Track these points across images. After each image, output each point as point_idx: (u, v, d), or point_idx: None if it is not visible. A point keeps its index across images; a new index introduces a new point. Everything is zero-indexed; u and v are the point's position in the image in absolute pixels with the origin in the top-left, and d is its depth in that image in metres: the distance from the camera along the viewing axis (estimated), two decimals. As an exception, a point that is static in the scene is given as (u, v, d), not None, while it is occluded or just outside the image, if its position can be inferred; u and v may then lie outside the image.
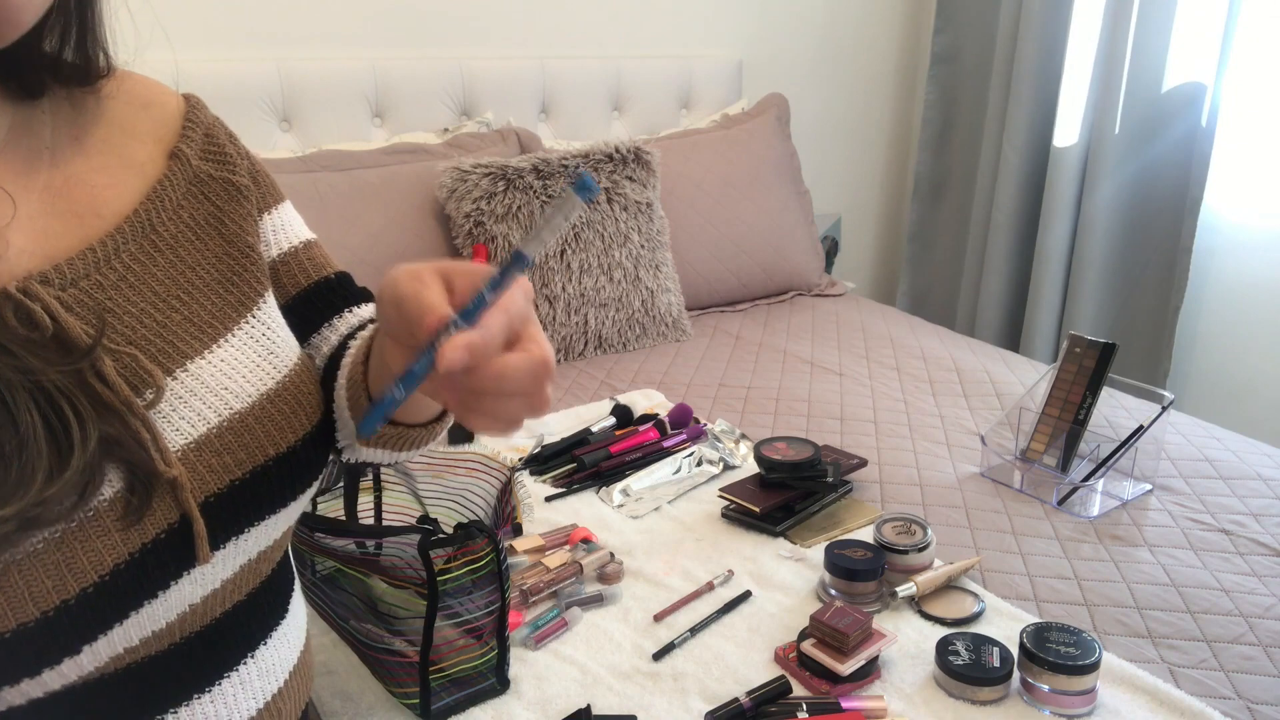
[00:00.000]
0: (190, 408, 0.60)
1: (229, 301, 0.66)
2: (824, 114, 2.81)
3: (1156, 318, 2.32)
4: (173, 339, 0.62)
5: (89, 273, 0.59)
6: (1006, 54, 2.54)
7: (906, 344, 2.04)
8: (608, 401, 1.66)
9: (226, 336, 0.64)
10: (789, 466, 1.28)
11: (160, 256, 0.63)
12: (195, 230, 0.66)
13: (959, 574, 1.14)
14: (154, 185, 0.64)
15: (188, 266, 0.65)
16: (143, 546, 0.55)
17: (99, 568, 0.53)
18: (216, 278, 0.66)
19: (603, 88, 2.37)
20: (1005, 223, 2.56)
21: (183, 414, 0.60)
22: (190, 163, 0.67)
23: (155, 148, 0.67)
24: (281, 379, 0.66)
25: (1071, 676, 0.92)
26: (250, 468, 0.62)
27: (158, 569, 0.56)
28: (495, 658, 0.94)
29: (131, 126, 0.66)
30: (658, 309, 2.01)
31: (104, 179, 0.63)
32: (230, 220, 0.68)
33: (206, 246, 0.66)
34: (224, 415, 0.61)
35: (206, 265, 0.66)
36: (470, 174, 1.88)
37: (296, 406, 0.66)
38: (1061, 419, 1.42)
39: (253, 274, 0.68)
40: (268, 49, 2.02)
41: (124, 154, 0.65)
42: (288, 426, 0.65)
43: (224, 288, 0.66)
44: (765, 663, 1.01)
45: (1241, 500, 1.38)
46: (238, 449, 0.61)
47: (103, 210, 0.61)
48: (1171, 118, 2.23)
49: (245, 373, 0.64)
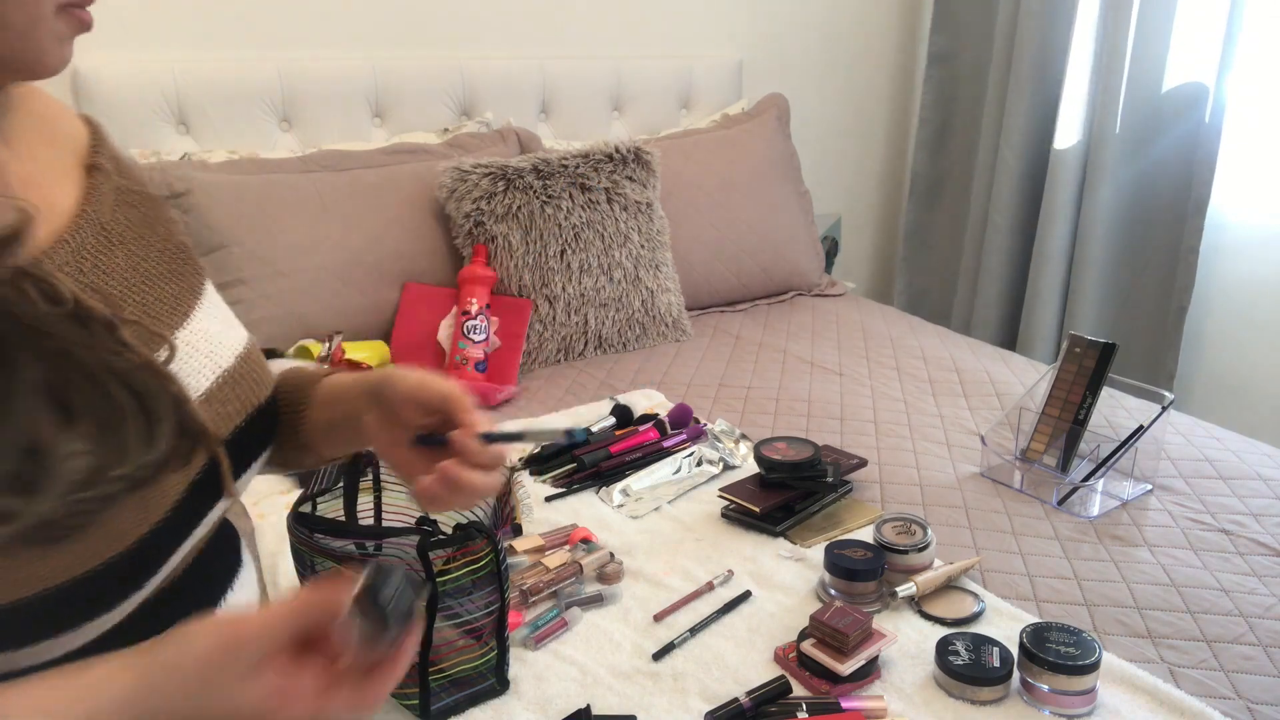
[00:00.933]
0: (190, 369, 0.69)
1: (183, 288, 0.74)
2: (824, 114, 2.81)
3: (1160, 318, 2.32)
4: (157, 314, 0.69)
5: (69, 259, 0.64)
6: (1004, 54, 2.54)
7: (906, 344, 2.04)
8: (608, 401, 1.66)
9: (193, 313, 0.73)
10: (789, 466, 1.28)
11: (118, 250, 0.69)
12: (134, 229, 0.72)
13: (959, 574, 1.14)
14: (86, 191, 0.69)
15: (141, 259, 0.71)
16: (190, 485, 0.65)
17: (165, 505, 0.63)
18: (165, 270, 0.73)
19: (603, 88, 2.37)
20: (1003, 223, 2.56)
21: (187, 375, 0.68)
22: (111, 176, 0.72)
23: (72, 159, 0.71)
24: (246, 342, 0.77)
25: (1071, 676, 0.92)
26: (244, 415, 0.73)
27: (201, 503, 0.67)
28: (495, 658, 0.93)
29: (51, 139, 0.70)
30: (658, 309, 2.01)
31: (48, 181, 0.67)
32: (159, 223, 0.75)
33: (149, 244, 0.73)
34: (217, 374, 0.72)
35: (154, 258, 0.73)
36: (470, 174, 1.88)
37: (260, 367, 0.78)
38: (1061, 419, 1.42)
39: (193, 265, 0.77)
40: (268, 49, 2.02)
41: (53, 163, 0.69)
42: (261, 380, 0.77)
43: (175, 276, 0.74)
44: (765, 663, 1.01)
45: (1241, 500, 1.38)
46: (233, 400, 0.72)
47: (54, 208, 0.66)
48: (1173, 118, 2.23)
49: (219, 339, 0.74)
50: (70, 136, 0.73)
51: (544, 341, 1.89)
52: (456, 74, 2.18)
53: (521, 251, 1.88)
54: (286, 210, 1.81)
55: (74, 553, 0.57)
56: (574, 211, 1.92)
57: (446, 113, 2.19)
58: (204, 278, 0.77)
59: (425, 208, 1.93)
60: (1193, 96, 2.19)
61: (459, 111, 2.21)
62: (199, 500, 0.66)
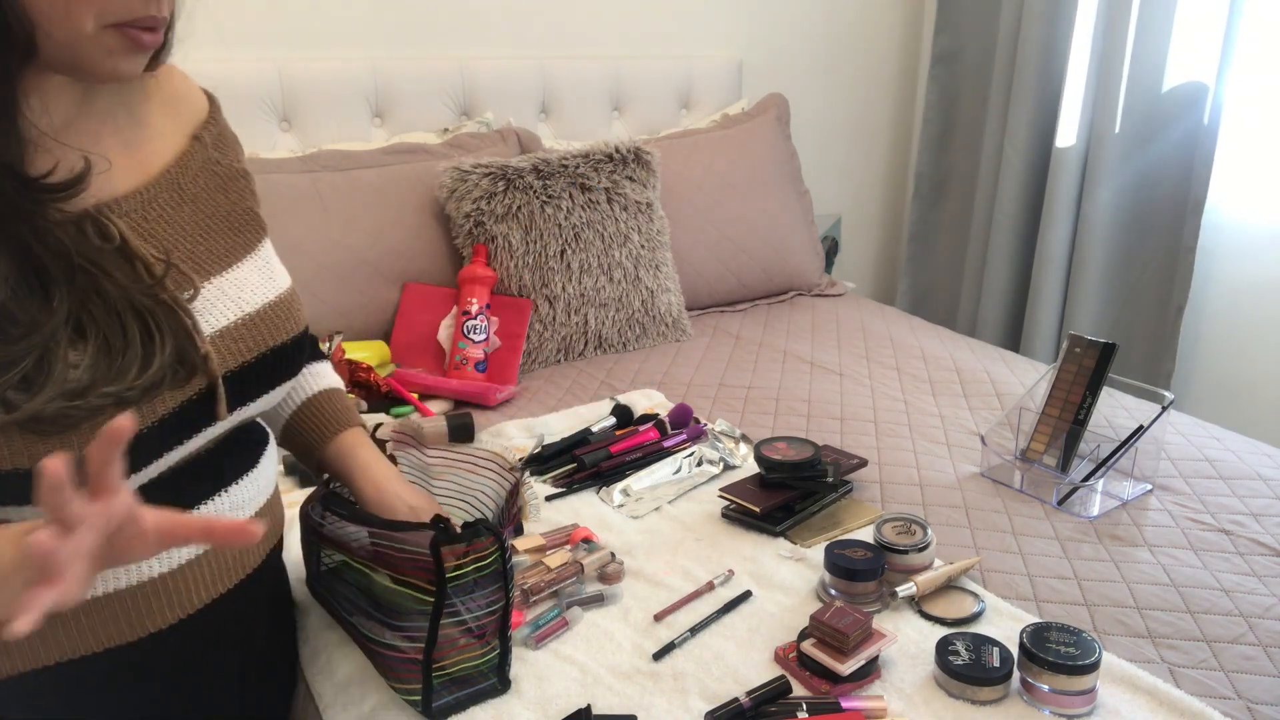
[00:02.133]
0: (214, 309, 0.83)
1: (238, 243, 0.89)
2: (824, 114, 2.81)
3: (1159, 318, 2.32)
4: (199, 261, 0.84)
5: (137, 208, 0.80)
6: (1007, 54, 2.54)
7: (906, 344, 2.04)
8: (608, 401, 1.66)
9: (238, 264, 0.88)
10: (789, 466, 1.28)
11: (185, 206, 0.85)
12: (209, 193, 0.88)
13: (959, 574, 1.14)
14: (180, 155, 0.86)
15: (205, 215, 0.87)
16: (185, 401, 0.78)
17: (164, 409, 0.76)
18: (226, 227, 0.89)
19: (603, 88, 2.37)
20: (1006, 223, 2.56)
21: (210, 312, 0.82)
22: (207, 147, 0.89)
23: (186, 128, 0.89)
24: (278, 294, 0.90)
25: (1071, 676, 0.92)
26: (256, 354, 0.86)
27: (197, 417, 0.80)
28: (496, 657, 0.94)
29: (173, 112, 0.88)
30: (658, 309, 2.01)
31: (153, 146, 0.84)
32: (233, 192, 0.91)
33: (218, 206, 0.88)
34: (238, 315, 0.85)
35: (219, 217, 0.88)
36: (470, 174, 1.88)
37: (287, 315, 0.90)
38: (1061, 419, 1.42)
39: (255, 226, 0.92)
40: (268, 49, 2.02)
41: (164, 131, 0.86)
42: (281, 328, 0.89)
43: (234, 233, 0.89)
44: (765, 663, 1.01)
45: (1241, 500, 1.38)
46: (248, 338, 0.85)
47: (148, 167, 0.83)
48: (1172, 118, 2.23)
49: (252, 288, 0.87)
50: (192, 109, 0.90)
51: (544, 341, 1.90)
52: (456, 74, 2.18)
53: (521, 251, 1.88)
54: (286, 210, 1.81)
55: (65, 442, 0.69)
56: (574, 211, 1.92)
57: (446, 113, 2.19)
58: (262, 237, 0.93)
59: (425, 208, 1.93)
60: (1192, 96, 2.19)
61: (459, 111, 2.21)
62: (192, 416, 0.79)
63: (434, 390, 1.70)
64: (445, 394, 1.70)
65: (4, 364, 0.66)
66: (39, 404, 0.66)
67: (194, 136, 0.88)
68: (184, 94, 0.90)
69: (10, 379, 0.66)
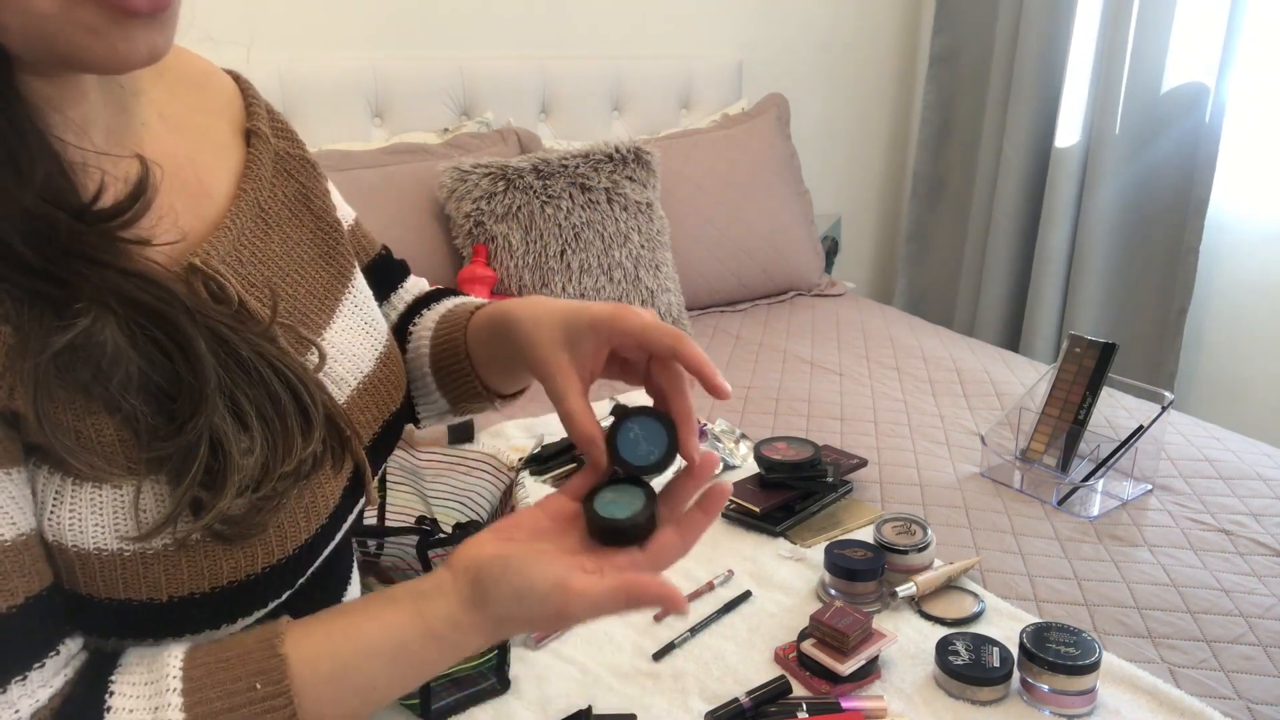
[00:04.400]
0: (334, 374, 0.67)
1: (331, 274, 0.71)
2: (824, 114, 2.81)
3: (1160, 318, 2.32)
4: (305, 311, 0.67)
5: (231, 249, 0.61)
6: (1006, 54, 2.54)
7: (906, 344, 2.04)
8: (608, 401, 1.66)
9: (338, 308, 0.70)
10: (789, 466, 1.28)
11: (273, 233, 0.66)
12: (290, 207, 0.69)
13: (959, 574, 1.14)
14: (245, 164, 0.66)
15: (294, 243, 0.68)
16: (344, 490, 0.65)
17: (326, 509, 0.62)
18: (317, 253, 0.70)
19: (603, 88, 2.37)
20: (1006, 223, 2.56)
21: (332, 379, 0.66)
22: (269, 141, 0.69)
23: (228, 127, 0.68)
24: (385, 344, 0.73)
25: (1071, 676, 0.92)
26: (381, 422, 0.71)
27: (349, 507, 0.67)
28: (495, 658, 0.94)
29: (202, 105, 0.67)
30: (658, 309, 2.01)
31: (203, 158, 0.64)
32: (315, 196, 0.72)
33: (303, 223, 0.70)
34: (359, 378, 0.69)
35: (307, 242, 0.69)
36: (470, 174, 1.88)
37: (398, 367, 0.74)
38: (1061, 419, 1.42)
39: (343, 248, 0.73)
40: (268, 49, 2.02)
41: (209, 134, 0.66)
42: (397, 384, 0.73)
43: (325, 261, 0.71)
44: (765, 663, 1.01)
45: (1241, 500, 1.38)
46: (372, 406, 0.70)
47: (211, 190, 0.63)
48: (1173, 118, 2.23)
49: (360, 340, 0.71)
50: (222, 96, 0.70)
51: (544, 341, 1.89)
52: (456, 74, 2.18)
53: (521, 251, 1.88)
54: (286, 210, 1.81)
55: (249, 554, 0.57)
56: (574, 211, 1.92)
57: (446, 113, 2.19)
58: (352, 260, 0.75)
59: (425, 208, 1.93)
60: (1192, 96, 2.18)
61: (459, 111, 2.21)
62: (346, 505, 0.67)
63: (434, 390, 1.70)
64: (445, 394, 1.70)
65: (182, 454, 0.53)
66: (227, 501, 0.54)
67: (247, 132, 0.68)
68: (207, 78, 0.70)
69: (196, 472, 0.53)
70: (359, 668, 0.56)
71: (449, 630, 0.56)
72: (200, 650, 0.55)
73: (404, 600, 0.57)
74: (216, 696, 0.52)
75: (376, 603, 0.58)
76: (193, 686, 0.52)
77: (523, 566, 0.55)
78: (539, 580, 0.54)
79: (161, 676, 0.53)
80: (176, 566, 0.55)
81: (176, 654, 0.54)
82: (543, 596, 0.54)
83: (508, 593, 0.55)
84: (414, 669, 0.57)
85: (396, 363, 0.75)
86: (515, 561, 0.55)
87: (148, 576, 0.55)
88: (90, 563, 0.53)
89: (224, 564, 0.57)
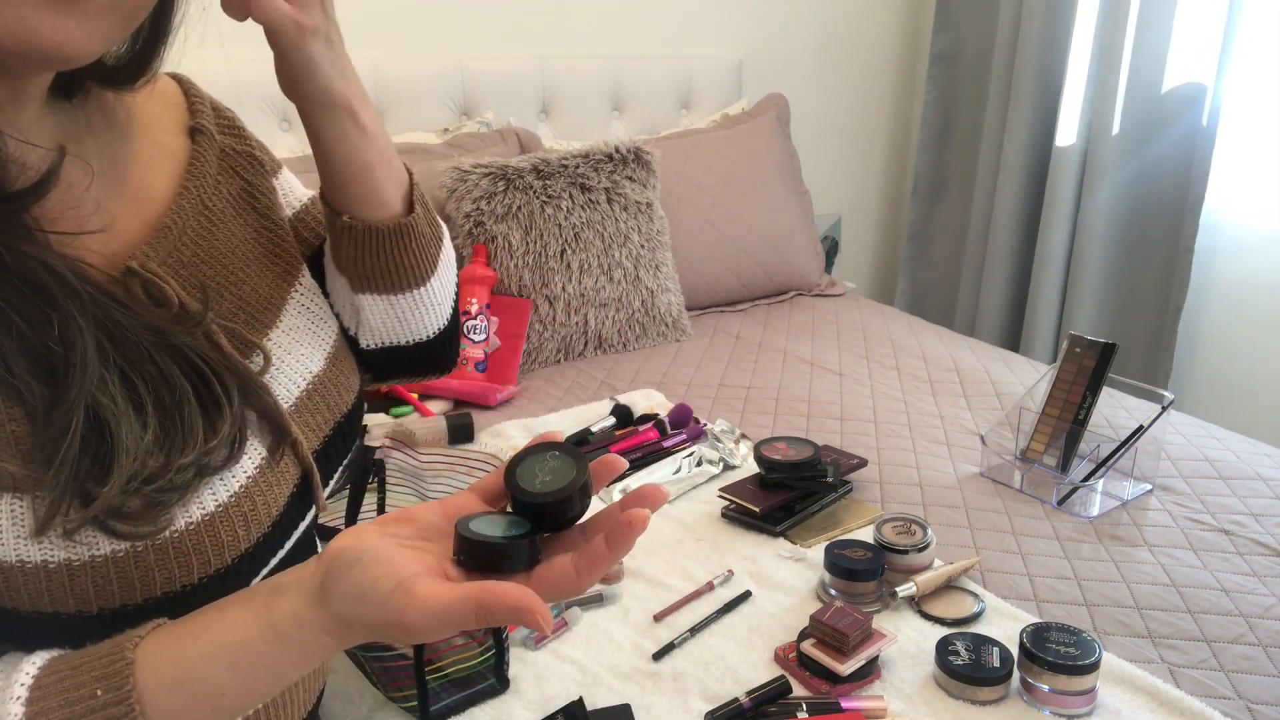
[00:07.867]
0: (282, 375, 0.66)
1: (277, 273, 0.70)
2: (824, 114, 2.81)
3: (1157, 318, 2.32)
4: (250, 312, 0.66)
5: (172, 249, 0.62)
6: (1006, 53, 2.54)
7: (906, 344, 2.04)
8: (608, 401, 1.66)
9: (285, 308, 0.69)
10: (789, 466, 1.28)
11: (217, 231, 0.66)
12: (235, 205, 0.69)
13: (959, 574, 1.14)
14: (189, 162, 0.66)
15: (238, 241, 0.68)
16: (289, 496, 0.62)
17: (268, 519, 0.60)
18: (261, 252, 0.70)
19: (603, 88, 2.37)
20: (1006, 222, 2.56)
21: (279, 381, 0.65)
22: (214, 137, 0.69)
23: (173, 126, 0.68)
24: (334, 342, 0.72)
25: (1071, 676, 0.92)
26: (332, 424, 0.69)
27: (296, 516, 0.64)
28: (494, 658, 0.94)
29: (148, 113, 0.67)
30: (658, 309, 2.01)
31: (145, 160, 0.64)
32: (260, 194, 0.71)
33: (247, 221, 0.69)
34: (308, 379, 0.68)
35: (251, 240, 0.69)
36: (470, 174, 1.88)
37: (349, 366, 0.73)
38: (1061, 419, 1.42)
39: (289, 246, 0.72)
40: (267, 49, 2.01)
41: (154, 139, 0.66)
42: (347, 384, 0.71)
43: (270, 260, 0.70)
44: (765, 663, 1.01)
45: (1241, 500, 1.38)
46: (322, 408, 0.68)
47: (151, 192, 0.63)
48: (1171, 118, 2.23)
49: (309, 340, 0.70)
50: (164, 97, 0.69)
51: (544, 341, 1.89)
52: (456, 74, 2.18)
53: (521, 251, 1.88)
54: (286, 210, 1.81)
55: (184, 564, 0.56)
56: (574, 211, 1.92)
57: (446, 113, 2.19)
58: (299, 258, 0.73)
59: (425, 208, 1.92)
60: (1191, 97, 2.18)
61: (459, 111, 2.21)
62: (294, 513, 0.64)
63: (434, 390, 1.70)
64: (445, 394, 1.70)
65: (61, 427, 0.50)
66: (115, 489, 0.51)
67: (191, 129, 0.68)
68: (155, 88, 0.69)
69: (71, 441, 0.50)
70: (203, 673, 0.50)
71: (293, 628, 0.50)
72: (62, 656, 0.52)
73: (259, 595, 0.52)
74: (58, 705, 0.49)
75: (236, 599, 0.53)
76: (37, 695, 0.49)
77: (373, 563, 0.48)
78: (382, 579, 0.47)
79: (10, 684, 0.50)
80: (105, 578, 0.53)
81: (36, 660, 0.51)
82: (383, 598, 0.47)
83: (351, 590, 0.48)
84: (260, 673, 0.51)
85: (346, 360, 0.74)
86: (368, 555, 0.48)
87: (74, 589, 0.53)
88: (14, 575, 0.52)
89: (157, 575, 0.55)
